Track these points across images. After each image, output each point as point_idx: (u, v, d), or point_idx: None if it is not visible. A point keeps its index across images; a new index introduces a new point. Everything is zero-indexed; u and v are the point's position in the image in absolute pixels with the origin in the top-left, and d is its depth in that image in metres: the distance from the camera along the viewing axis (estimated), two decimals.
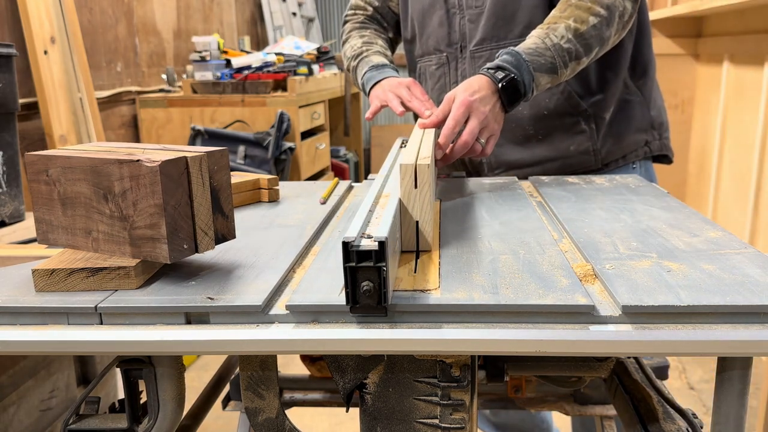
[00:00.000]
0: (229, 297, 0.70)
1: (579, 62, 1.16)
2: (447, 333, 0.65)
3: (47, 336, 0.69)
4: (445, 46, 1.38)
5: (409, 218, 0.82)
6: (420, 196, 0.81)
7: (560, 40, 1.13)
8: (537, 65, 1.12)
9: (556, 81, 1.16)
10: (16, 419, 1.62)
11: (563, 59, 1.13)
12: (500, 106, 1.12)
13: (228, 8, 4.09)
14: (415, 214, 0.81)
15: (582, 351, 0.66)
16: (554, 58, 1.12)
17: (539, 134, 1.33)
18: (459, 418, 0.76)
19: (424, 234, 0.82)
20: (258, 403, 0.83)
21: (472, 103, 1.08)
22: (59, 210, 0.79)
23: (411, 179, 0.80)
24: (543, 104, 1.32)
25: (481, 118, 1.08)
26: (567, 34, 1.14)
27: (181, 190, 0.72)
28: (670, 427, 0.88)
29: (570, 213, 0.99)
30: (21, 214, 1.68)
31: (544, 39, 1.14)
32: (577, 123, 1.32)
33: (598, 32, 1.15)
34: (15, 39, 2.24)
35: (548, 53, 1.12)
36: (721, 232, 0.87)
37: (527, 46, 1.14)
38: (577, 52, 1.15)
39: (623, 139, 1.35)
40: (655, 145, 1.40)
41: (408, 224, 0.82)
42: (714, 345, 0.64)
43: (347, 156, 4.34)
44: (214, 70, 3.07)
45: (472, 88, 1.10)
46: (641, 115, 1.37)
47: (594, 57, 1.18)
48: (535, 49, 1.13)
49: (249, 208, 1.10)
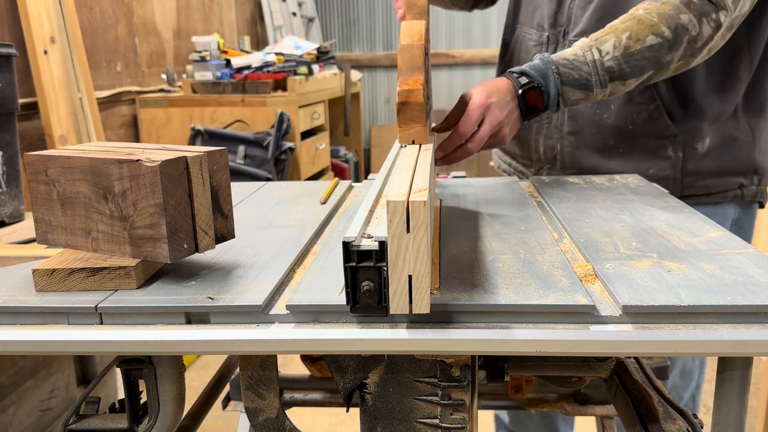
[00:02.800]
0: (229, 297, 0.70)
1: (624, 83, 1.05)
2: (447, 333, 0.65)
3: (47, 336, 0.69)
4: (549, 25, 1.28)
5: (399, 272, 0.61)
6: (414, 242, 0.60)
7: (603, 57, 1.03)
8: (568, 79, 1.03)
9: (592, 99, 1.06)
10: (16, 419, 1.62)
11: (602, 78, 1.03)
12: (518, 114, 1.04)
13: (228, 8, 4.09)
14: (408, 267, 0.60)
15: (582, 351, 0.66)
16: (591, 75, 1.03)
17: (620, 147, 1.25)
18: (459, 418, 0.75)
19: (420, 291, 0.61)
20: (258, 403, 0.83)
21: (490, 106, 1.01)
22: (58, 210, 0.79)
23: (402, 221, 0.60)
24: (629, 117, 1.22)
25: (494, 123, 1.02)
26: (614, 52, 1.03)
27: (181, 189, 0.72)
28: (670, 427, 0.88)
29: (570, 213, 0.99)
30: (21, 214, 1.68)
31: (585, 52, 1.04)
32: (662, 147, 1.22)
33: (654, 54, 1.04)
34: (15, 39, 2.24)
35: (585, 68, 1.03)
36: (722, 232, 0.87)
37: (565, 56, 1.05)
38: (622, 72, 1.04)
39: (714, 177, 1.23)
40: (750, 191, 1.26)
41: (398, 279, 0.61)
42: (714, 345, 0.64)
43: (347, 156, 4.34)
44: (214, 70, 3.07)
45: (490, 89, 1.03)
46: (746, 157, 1.23)
47: (647, 80, 1.07)
48: (572, 61, 1.04)
49: (249, 208, 1.10)
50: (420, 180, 0.69)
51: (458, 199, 1.11)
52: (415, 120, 0.87)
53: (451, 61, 5.15)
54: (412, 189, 0.65)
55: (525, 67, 1.05)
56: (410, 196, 0.61)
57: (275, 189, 1.25)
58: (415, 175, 0.72)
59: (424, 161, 0.79)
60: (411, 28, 0.91)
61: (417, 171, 0.73)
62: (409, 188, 0.65)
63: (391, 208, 0.60)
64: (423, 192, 0.64)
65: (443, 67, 5.15)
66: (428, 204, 0.62)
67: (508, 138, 1.05)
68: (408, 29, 0.91)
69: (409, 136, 0.89)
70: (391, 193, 0.62)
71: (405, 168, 0.75)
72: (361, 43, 5.32)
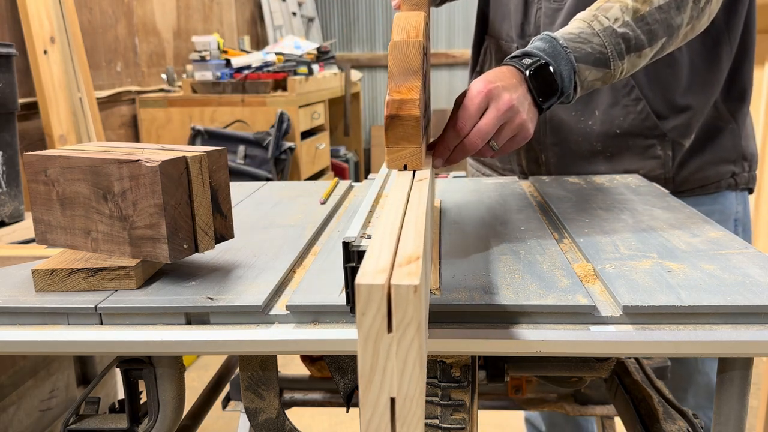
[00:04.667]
0: (229, 297, 0.70)
1: (640, 55, 0.89)
2: (447, 333, 0.65)
3: (47, 336, 0.69)
4: (517, 36, 1.21)
5: (375, 392, 0.39)
6: (400, 348, 0.38)
7: (613, 23, 0.87)
8: (581, 54, 0.85)
9: (609, 79, 0.89)
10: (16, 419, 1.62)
11: (617, 48, 0.87)
12: (531, 100, 0.83)
13: (228, 8, 4.09)
14: (388, 385, 0.39)
15: (583, 351, 0.66)
16: (604, 46, 0.86)
17: (607, 152, 1.21)
18: (459, 418, 0.75)
19: (409, 424, 0.39)
20: (258, 403, 0.83)
21: (492, 90, 0.78)
22: (58, 210, 0.78)
23: (380, 315, 0.38)
24: (616, 121, 1.18)
25: (502, 107, 0.78)
26: (623, 16, 0.87)
27: (181, 189, 0.72)
28: (670, 427, 0.88)
29: (570, 213, 0.99)
30: (21, 214, 1.68)
31: (591, 22, 0.87)
32: (651, 147, 1.19)
33: (664, 16, 0.89)
34: (15, 39, 2.24)
35: (596, 39, 0.86)
36: (722, 232, 0.87)
37: (568, 30, 0.88)
38: (638, 40, 0.88)
39: (705, 169, 1.20)
40: (743, 177, 1.23)
41: (374, 403, 0.39)
42: (714, 345, 0.64)
43: (347, 156, 4.34)
44: (213, 70, 3.07)
45: (490, 76, 0.81)
46: (731, 145, 1.20)
47: (659, 51, 0.92)
48: (578, 35, 0.86)
49: (249, 208, 1.10)
50: (411, 238, 0.46)
51: (458, 199, 1.11)
52: (408, 139, 0.68)
53: (451, 60, 5.15)
54: (399, 257, 0.42)
55: (526, 48, 0.87)
56: (394, 274, 0.38)
57: (275, 189, 1.25)
58: (405, 227, 0.49)
59: (419, 200, 0.57)
60: (407, 20, 0.73)
61: (408, 219, 0.51)
62: (393, 255, 0.42)
63: (362, 294, 0.37)
64: (415, 265, 0.40)
65: (443, 67, 5.15)
66: (423, 286, 0.39)
67: (530, 128, 0.82)
68: (403, 22, 0.73)
69: (399, 160, 0.69)
70: (364, 267, 0.39)
71: (391, 213, 0.53)
72: (361, 42, 5.32)
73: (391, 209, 0.55)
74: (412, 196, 0.60)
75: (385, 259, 0.41)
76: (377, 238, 0.47)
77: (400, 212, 0.53)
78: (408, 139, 0.69)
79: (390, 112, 0.68)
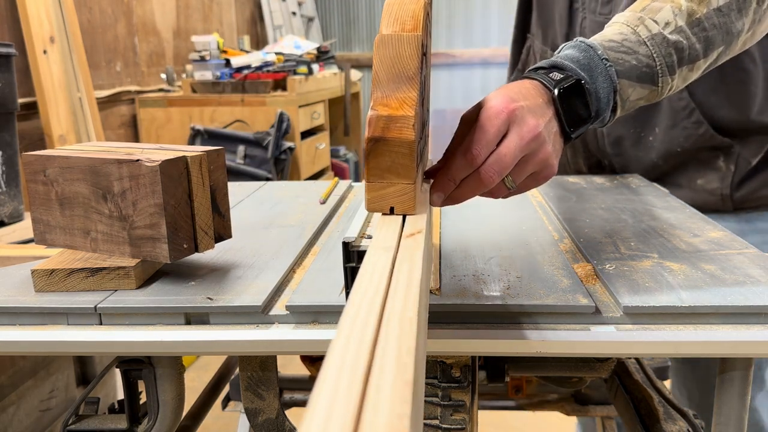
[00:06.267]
0: (228, 297, 0.70)
1: (692, 68, 0.73)
2: (447, 333, 0.65)
3: (47, 336, 0.68)
4: None
5: None
6: None
7: (664, 28, 0.71)
8: (624, 67, 0.69)
9: (655, 97, 0.72)
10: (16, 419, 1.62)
11: (668, 60, 0.71)
12: (558, 128, 0.66)
13: (227, 8, 4.09)
14: None
15: (583, 352, 0.66)
16: (652, 58, 0.70)
17: (669, 165, 1.14)
18: (460, 418, 0.75)
19: None
20: (258, 403, 0.83)
21: (515, 111, 0.61)
22: (57, 210, 0.78)
23: None
24: (677, 141, 1.09)
25: (526, 136, 0.61)
26: (676, 20, 0.71)
27: (180, 189, 0.72)
28: (671, 427, 0.88)
29: (571, 213, 0.99)
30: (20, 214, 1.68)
31: (636, 27, 0.71)
32: (714, 158, 1.09)
33: (724, 20, 0.73)
34: (14, 38, 2.24)
35: (642, 49, 0.70)
36: (722, 233, 0.87)
37: (608, 37, 0.71)
38: (692, 49, 0.72)
39: None
40: None
41: None
42: (715, 346, 0.64)
43: (347, 156, 4.34)
44: (213, 70, 3.07)
45: (512, 90, 0.64)
46: None
47: (712, 63, 0.76)
48: (621, 43, 0.70)
49: (249, 208, 1.10)
50: (392, 342, 0.29)
51: None
52: (397, 171, 0.49)
53: (451, 60, 5.15)
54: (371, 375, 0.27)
55: (556, 59, 0.70)
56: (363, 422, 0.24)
57: (275, 189, 1.25)
58: (387, 321, 0.31)
59: (409, 280, 0.36)
60: (401, 8, 0.53)
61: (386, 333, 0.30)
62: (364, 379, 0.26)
63: None
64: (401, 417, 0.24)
65: (443, 66, 5.14)
66: None
67: (555, 164, 0.65)
68: (396, 10, 0.53)
69: (383, 200, 0.50)
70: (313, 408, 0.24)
71: (362, 297, 0.33)
72: (361, 42, 5.32)
73: (367, 276, 0.34)
74: (398, 268, 0.37)
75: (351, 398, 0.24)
76: (344, 331, 0.29)
77: (383, 282, 0.33)
78: (397, 172, 0.49)
79: (373, 133, 0.49)
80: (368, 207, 0.52)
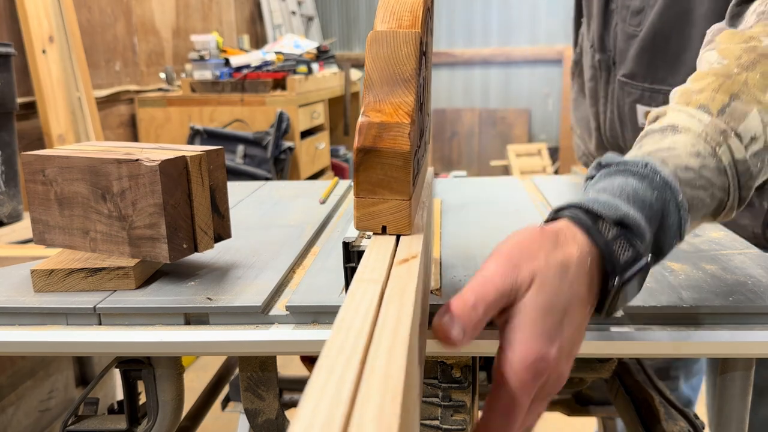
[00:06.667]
0: (228, 298, 0.70)
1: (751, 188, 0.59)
2: None
3: (46, 336, 0.68)
4: (598, 48, 1.03)
5: None
6: None
7: (748, 148, 0.55)
8: (697, 208, 0.55)
9: (708, 222, 0.60)
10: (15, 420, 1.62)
11: (743, 193, 0.56)
12: (591, 306, 0.52)
13: (227, 7, 4.08)
14: None
15: (584, 352, 0.66)
16: (727, 192, 0.56)
17: None
18: (460, 419, 0.75)
19: None
20: (257, 404, 0.83)
21: (550, 364, 0.49)
22: (56, 210, 0.78)
23: None
24: None
25: (553, 390, 0.52)
26: (765, 134, 0.56)
27: (180, 189, 0.72)
28: (671, 428, 0.88)
29: None
30: (19, 214, 1.68)
31: (717, 146, 0.55)
32: None
33: None
34: (13, 38, 2.24)
35: (720, 181, 0.55)
36: (724, 233, 0.87)
37: (683, 161, 0.54)
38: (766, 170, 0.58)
39: None
40: None
41: None
42: (716, 346, 0.64)
43: (347, 155, 4.33)
44: (213, 69, 3.06)
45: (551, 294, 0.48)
46: None
47: None
48: (699, 172, 0.54)
49: (248, 208, 1.10)
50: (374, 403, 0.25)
51: (458, 199, 1.11)
52: (390, 186, 0.44)
53: (451, 60, 5.14)
54: None
55: (620, 205, 0.51)
56: None
57: (274, 189, 1.25)
58: (366, 384, 0.27)
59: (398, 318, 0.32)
60: (398, 1, 0.47)
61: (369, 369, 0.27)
62: None
63: None
64: None
65: (443, 66, 5.14)
66: None
67: (565, 379, 0.53)
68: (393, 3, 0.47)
69: (374, 217, 0.46)
70: None
71: (338, 352, 0.28)
72: (361, 41, 5.32)
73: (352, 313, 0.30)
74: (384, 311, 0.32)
75: None
76: (319, 386, 0.25)
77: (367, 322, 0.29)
78: (390, 187, 0.43)
79: (363, 142, 0.43)
80: (357, 225, 0.46)
